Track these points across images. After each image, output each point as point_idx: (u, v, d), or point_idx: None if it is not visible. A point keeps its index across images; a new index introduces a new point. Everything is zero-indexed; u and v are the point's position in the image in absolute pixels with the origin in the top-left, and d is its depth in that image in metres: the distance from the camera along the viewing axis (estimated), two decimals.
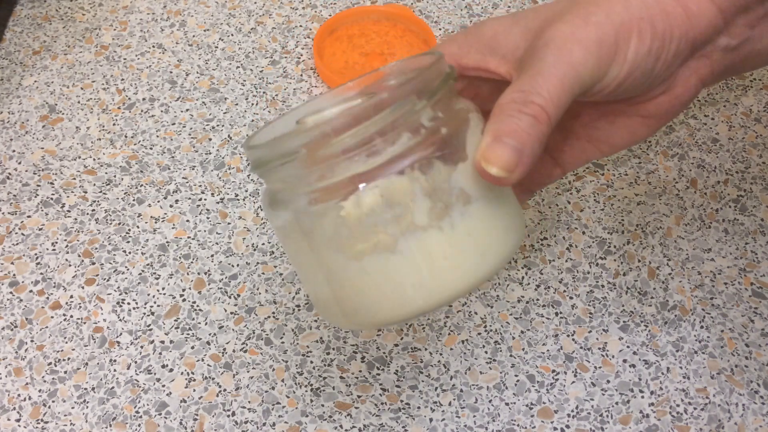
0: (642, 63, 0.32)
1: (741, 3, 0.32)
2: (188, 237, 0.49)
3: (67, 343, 0.45)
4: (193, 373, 0.44)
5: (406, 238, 0.29)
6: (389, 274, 0.30)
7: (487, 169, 0.29)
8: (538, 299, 0.47)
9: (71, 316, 0.46)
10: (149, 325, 0.46)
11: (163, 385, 0.43)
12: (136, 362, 0.44)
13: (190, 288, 0.47)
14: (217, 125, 0.55)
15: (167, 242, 0.49)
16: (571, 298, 0.47)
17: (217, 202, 0.51)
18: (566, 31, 0.31)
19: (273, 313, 0.46)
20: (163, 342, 0.45)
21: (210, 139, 0.54)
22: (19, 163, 0.53)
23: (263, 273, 0.48)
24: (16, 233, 0.49)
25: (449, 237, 0.30)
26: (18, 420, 0.42)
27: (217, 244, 0.49)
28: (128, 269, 0.48)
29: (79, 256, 0.48)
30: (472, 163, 0.30)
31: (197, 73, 0.59)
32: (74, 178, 0.52)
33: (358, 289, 0.30)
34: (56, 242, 0.49)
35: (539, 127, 0.30)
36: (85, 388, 0.43)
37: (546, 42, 0.31)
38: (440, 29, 0.62)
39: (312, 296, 0.32)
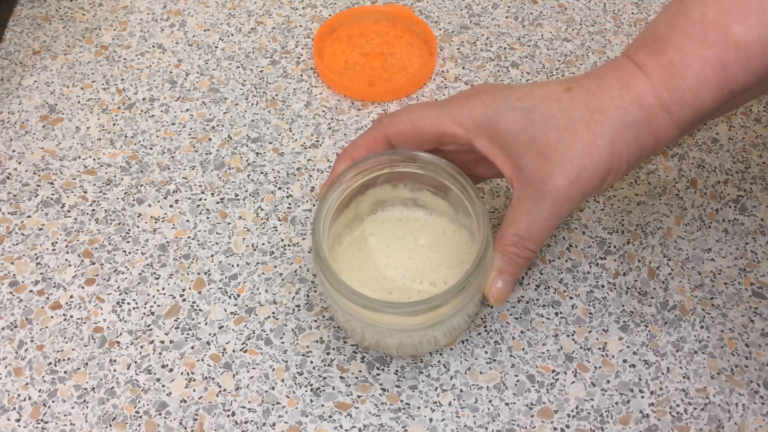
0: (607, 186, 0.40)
1: (698, 119, 0.38)
2: (188, 237, 0.49)
3: (67, 343, 0.45)
4: (193, 373, 0.44)
5: None
6: None
7: (489, 300, 0.40)
8: (538, 299, 0.47)
9: (71, 316, 0.46)
10: (149, 325, 0.46)
11: (163, 385, 0.43)
12: (136, 362, 0.44)
13: (190, 288, 0.47)
14: (217, 125, 0.55)
15: (167, 242, 0.49)
16: (571, 298, 0.47)
17: (217, 202, 0.51)
18: (561, 187, 0.37)
19: (273, 313, 0.46)
20: (163, 342, 0.45)
21: (210, 139, 0.54)
22: (19, 163, 0.53)
23: (263, 273, 0.48)
24: (16, 233, 0.49)
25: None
26: (18, 420, 0.42)
27: (217, 244, 0.49)
28: (128, 269, 0.48)
29: (79, 256, 0.48)
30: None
31: (197, 73, 0.59)
32: (74, 178, 0.52)
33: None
34: (56, 242, 0.49)
35: (529, 262, 0.40)
36: (85, 388, 0.43)
37: (545, 194, 0.38)
38: (440, 29, 0.62)
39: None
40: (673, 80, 0.37)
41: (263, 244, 0.49)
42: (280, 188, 0.52)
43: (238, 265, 0.48)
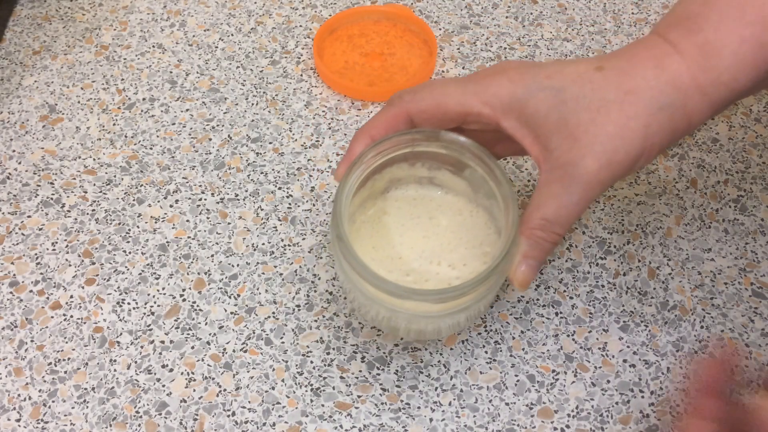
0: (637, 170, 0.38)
1: (732, 100, 0.37)
2: (188, 237, 0.49)
3: (67, 343, 0.45)
4: (193, 373, 0.44)
5: None
6: None
7: (514, 284, 0.38)
8: (538, 299, 0.47)
9: (71, 316, 0.46)
10: (149, 325, 0.46)
11: (163, 385, 0.43)
12: (136, 362, 0.44)
13: (190, 288, 0.47)
14: (217, 125, 0.55)
15: (167, 242, 0.49)
16: (571, 298, 0.47)
17: (217, 202, 0.51)
18: (592, 170, 0.36)
19: (273, 313, 0.46)
20: (163, 342, 0.45)
21: (210, 139, 0.54)
22: (19, 163, 0.53)
23: (263, 273, 0.48)
24: (16, 233, 0.49)
25: None
26: (18, 420, 0.42)
27: (217, 244, 0.49)
28: (128, 269, 0.48)
29: (79, 256, 0.48)
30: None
31: (197, 73, 0.59)
32: (74, 178, 0.52)
33: None
34: (56, 242, 0.49)
35: (554, 247, 0.38)
36: (85, 388, 0.43)
37: (575, 177, 0.37)
38: (440, 29, 0.62)
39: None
40: (709, 60, 0.36)
41: (263, 244, 0.49)
42: (280, 188, 0.52)
43: (238, 265, 0.48)
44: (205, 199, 0.51)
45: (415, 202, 0.44)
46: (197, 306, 0.46)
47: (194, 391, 0.43)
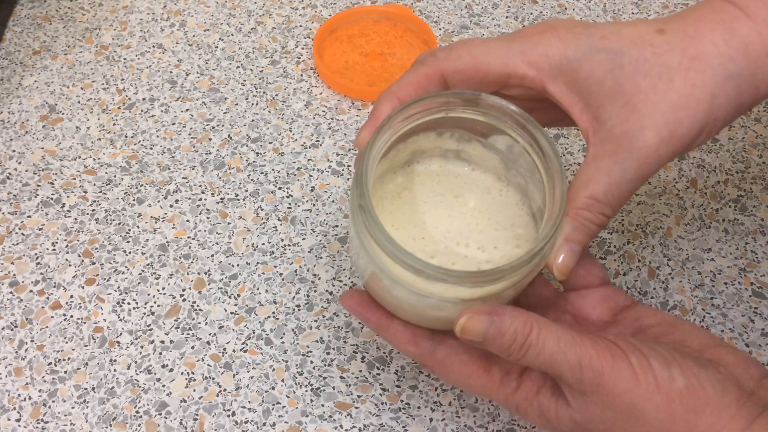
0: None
1: None
2: (188, 237, 0.49)
3: (67, 343, 0.45)
4: (193, 373, 0.44)
5: None
6: None
7: (553, 272, 0.34)
8: None
9: (71, 316, 0.46)
10: (149, 325, 0.46)
11: (163, 385, 0.43)
12: (136, 362, 0.44)
13: (190, 288, 0.47)
14: (217, 125, 0.55)
15: (167, 242, 0.49)
16: None
17: (217, 202, 0.51)
18: (652, 144, 0.33)
19: (273, 313, 0.46)
20: (163, 342, 0.45)
21: (210, 139, 0.54)
22: (19, 163, 0.53)
23: (263, 273, 0.48)
24: (16, 233, 0.49)
25: None
26: (18, 420, 0.42)
27: (217, 244, 0.49)
28: (128, 269, 0.48)
29: (79, 256, 0.48)
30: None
31: (197, 73, 0.59)
32: (74, 178, 0.52)
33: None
34: (56, 242, 0.49)
35: (601, 230, 0.34)
36: (85, 388, 0.43)
37: (631, 151, 0.33)
38: (440, 29, 0.62)
39: None
40: None
41: (263, 244, 0.49)
42: (280, 188, 0.52)
43: (238, 265, 0.48)
44: (205, 199, 0.51)
45: (438, 178, 0.39)
46: (197, 306, 0.46)
47: (194, 391, 0.43)
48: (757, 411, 0.30)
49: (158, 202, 0.51)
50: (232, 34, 0.61)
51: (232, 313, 0.46)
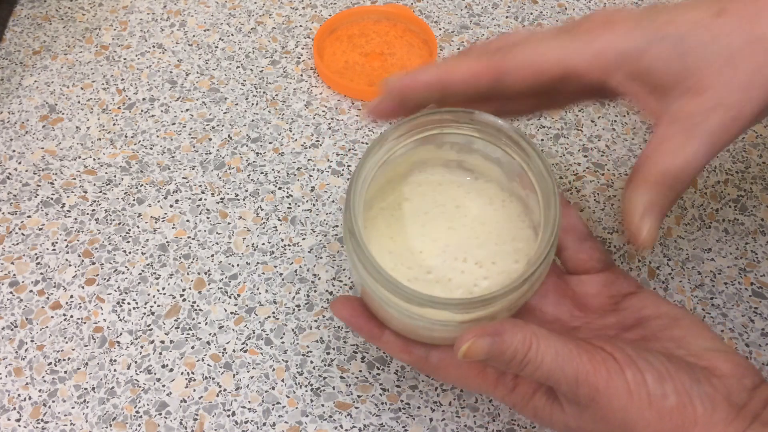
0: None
1: None
2: (188, 237, 0.49)
3: (67, 343, 0.45)
4: (193, 373, 0.44)
5: None
6: None
7: (636, 242, 0.34)
8: None
9: (71, 316, 0.46)
10: (149, 325, 0.46)
11: (163, 385, 0.43)
12: (136, 362, 0.44)
13: (190, 288, 0.47)
14: (217, 125, 0.55)
15: (167, 242, 0.49)
16: None
17: (217, 202, 0.51)
18: (723, 123, 0.33)
19: (273, 313, 0.46)
20: (163, 342, 0.45)
21: (210, 139, 0.55)
22: (19, 163, 0.53)
23: (263, 273, 0.48)
24: (16, 233, 0.49)
25: None
26: (18, 420, 0.42)
27: (217, 244, 0.49)
28: (128, 269, 0.48)
29: (79, 256, 0.48)
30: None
31: (197, 73, 0.59)
32: (74, 178, 0.52)
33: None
34: (56, 242, 0.49)
35: (673, 203, 0.34)
36: (85, 388, 0.43)
37: (701, 131, 0.33)
38: (440, 29, 0.62)
39: None
40: None
41: (263, 244, 0.49)
42: (280, 188, 0.52)
43: (238, 265, 0.48)
44: (205, 199, 0.51)
45: (440, 188, 0.39)
46: (197, 306, 0.46)
47: (194, 391, 0.43)
48: (745, 425, 0.31)
49: (158, 202, 0.51)
50: (232, 34, 0.61)
51: (232, 313, 0.46)
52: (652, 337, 0.35)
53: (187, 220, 0.50)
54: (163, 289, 0.47)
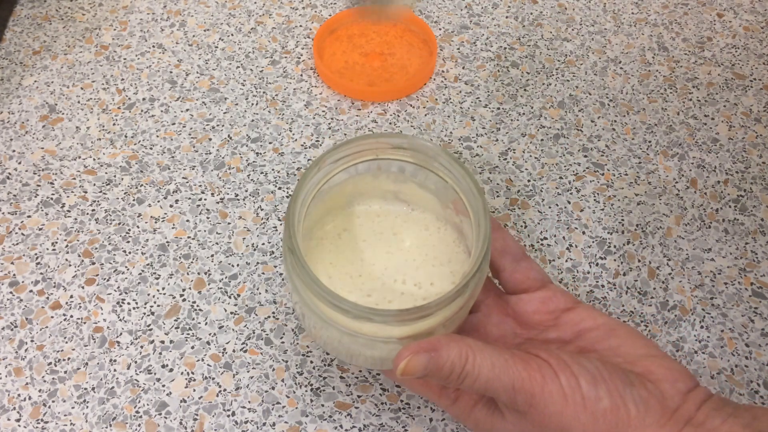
0: None
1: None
2: (188, 237, 0.49)
3: (67, 343, 0.45)
4: (193, 373, 0.44)
5: None
6: None
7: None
8: None
9: (71, 316, 0.46)
10: (149, 325, 0.46)
11: (163, 385, 0.43)
12: (136, 362, 0.44)
13: (190, 288, 0.47)
14: (217, 125, 0.55)
15: (167, 242, 0.49)
16: None
17: (217, 202, 0.51)
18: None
19: (273, 313, 0.46)
20: (163, 342, 0.45)
21: (210, 139, 0.55)
22: (19, 163, 0.53)
23: (263, 273, 0.48)
24: (16, 233, 0.49)
25: None
26: (18, 420, 0.42)
27: (217, 244, 0.49)
28: (128, 269, 0.48)
29: (79, 256, 0.48)
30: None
31: (197, 73, 0.59)
32: (74, 178, 0.52)
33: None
34: (56, 242, 0.49)
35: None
36: (85, 388, 0.43)
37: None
38: (440, 29, 0.62)
39: None
40: None
41: (263, 244, 0.49)
42: (280, 188, 0.52)
43: (238, 265, 0.48)
44: (205, 199, 0.51)
45: (379, 219, 0.41)
46: (197, 306, 0.46)
47: (194, 391, 0.43)
48: (678, 428, 0.32)
49: (158, 202, 0.51)
50: (232, 34, 0.61)
51: (232, 313, 0.46)
52: (591, 348, 0.36)
53: (187, 220, 0.50)
54: (163, 289, 0.47)
